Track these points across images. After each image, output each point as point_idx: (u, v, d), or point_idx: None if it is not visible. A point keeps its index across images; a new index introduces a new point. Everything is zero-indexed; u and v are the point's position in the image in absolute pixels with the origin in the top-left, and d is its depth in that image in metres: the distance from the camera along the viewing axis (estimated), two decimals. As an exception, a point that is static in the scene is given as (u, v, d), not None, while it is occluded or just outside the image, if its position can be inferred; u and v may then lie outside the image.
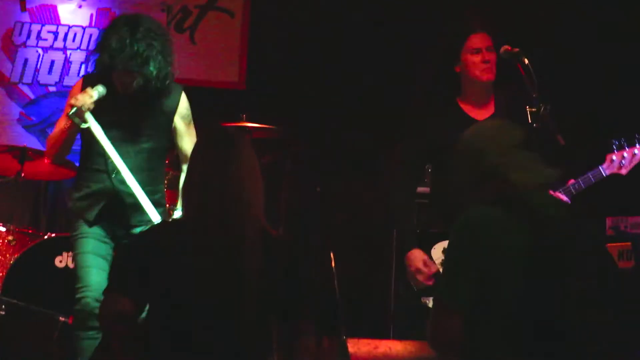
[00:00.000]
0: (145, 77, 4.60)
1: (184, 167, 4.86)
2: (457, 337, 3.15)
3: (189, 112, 4.87)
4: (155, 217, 4.64)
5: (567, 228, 3.16)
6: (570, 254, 3.11)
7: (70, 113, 4.54)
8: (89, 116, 4.58)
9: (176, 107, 4.80)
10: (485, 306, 3.11)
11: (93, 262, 4.61)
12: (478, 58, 4.76)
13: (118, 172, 4.66)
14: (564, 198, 4.79)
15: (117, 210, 4.71)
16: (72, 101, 4.57)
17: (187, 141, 4.83)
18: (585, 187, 4.85)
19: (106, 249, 4.70)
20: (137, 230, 4.68)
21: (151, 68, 4.59)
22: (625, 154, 4.94)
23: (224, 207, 3.36)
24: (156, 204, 4.71)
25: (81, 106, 4.54)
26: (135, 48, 4.55)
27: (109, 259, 4.65)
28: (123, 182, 4.65)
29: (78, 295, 4.55)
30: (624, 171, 4.95)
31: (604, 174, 4.90)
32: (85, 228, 4.71)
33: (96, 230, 4.70)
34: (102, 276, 4.49)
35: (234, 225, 3.35)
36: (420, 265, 4.65)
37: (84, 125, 4.57)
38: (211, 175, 3.39)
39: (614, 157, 4.91)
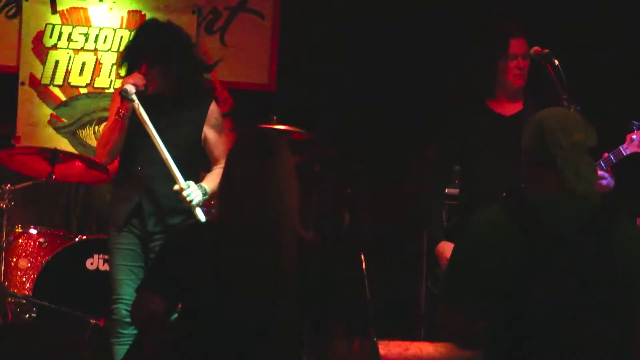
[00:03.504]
0: (168, 75, 4.74)
1: (215, 169, 4.91)
2: (463, 331, 3.16)
3: (220, 121, 4.93)
4: (201, 216, 4.69)
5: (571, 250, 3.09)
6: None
7: (121, 90, 4.67)
8: (135, 97, 4.68)
9: (204, 118, 4.86)
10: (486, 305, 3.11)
11: (123, 274, 4.75)
12: (513, 64, 4.82)
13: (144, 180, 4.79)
14: None
15: (140, 217, 4.80)
16: (123, 81, 4.74)
17: (221, 149, 4.89)
18: (607, 167, 4.86)
19: (136, 257, 4.79)
20: (156, 238, 4.76)
21: (171, 66, 4.73)
22: None
23: (261, 211, 3.34)
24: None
25: (131, 83, 4.67)
26: (152, 44, 4.74)
27: (143, 265, 4.79)
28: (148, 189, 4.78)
29: (113, 306, 4.74)
30: None
31: (624, 153, 4.92)
32: (116, 238, 4.82)
33: (126, 240, 4.80)
34: (133, 285, 4.58)
35: (271, 229, 3.34)
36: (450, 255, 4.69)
37: (132, 98, 4.66)
38: (250, 180, 3.37)
39: (634, 137, 4.93)
